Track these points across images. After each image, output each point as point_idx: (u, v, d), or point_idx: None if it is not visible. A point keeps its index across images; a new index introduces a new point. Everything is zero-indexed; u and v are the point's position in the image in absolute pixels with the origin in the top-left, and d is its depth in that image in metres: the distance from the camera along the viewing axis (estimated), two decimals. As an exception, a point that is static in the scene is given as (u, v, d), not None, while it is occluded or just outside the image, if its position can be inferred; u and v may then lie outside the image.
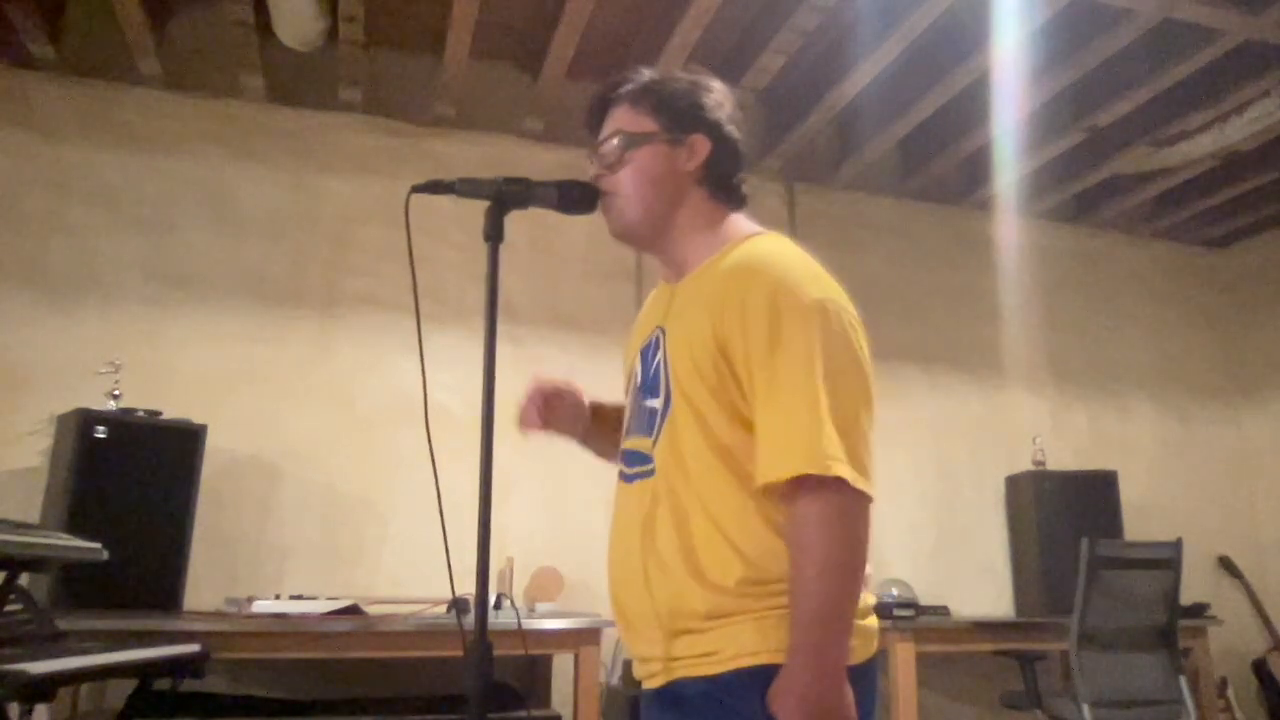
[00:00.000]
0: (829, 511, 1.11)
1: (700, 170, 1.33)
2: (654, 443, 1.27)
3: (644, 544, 1.24)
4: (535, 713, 2.99)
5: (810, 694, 1.07)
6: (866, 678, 1.19)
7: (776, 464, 1.14)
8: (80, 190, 3.48)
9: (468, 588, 1.19)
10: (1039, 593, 4.10)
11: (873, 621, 1.24)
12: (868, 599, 1.22)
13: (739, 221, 1.37)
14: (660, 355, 1.29)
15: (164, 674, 2.37)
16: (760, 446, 1.17)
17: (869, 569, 1.23)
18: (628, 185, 1.33)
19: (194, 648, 2.41)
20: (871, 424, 1.19)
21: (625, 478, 1.34)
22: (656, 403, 1.28)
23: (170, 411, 3.16)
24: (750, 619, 1.15)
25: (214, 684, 3.06)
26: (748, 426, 1.20)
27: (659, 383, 1.28)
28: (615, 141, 1.34)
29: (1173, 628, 3.33)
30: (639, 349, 1.38)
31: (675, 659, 1.20)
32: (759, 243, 1.29)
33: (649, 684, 1.25)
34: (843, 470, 1.11)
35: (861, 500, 1.13)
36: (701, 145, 1.33)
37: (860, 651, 1.17)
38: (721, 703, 1.15)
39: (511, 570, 3.35)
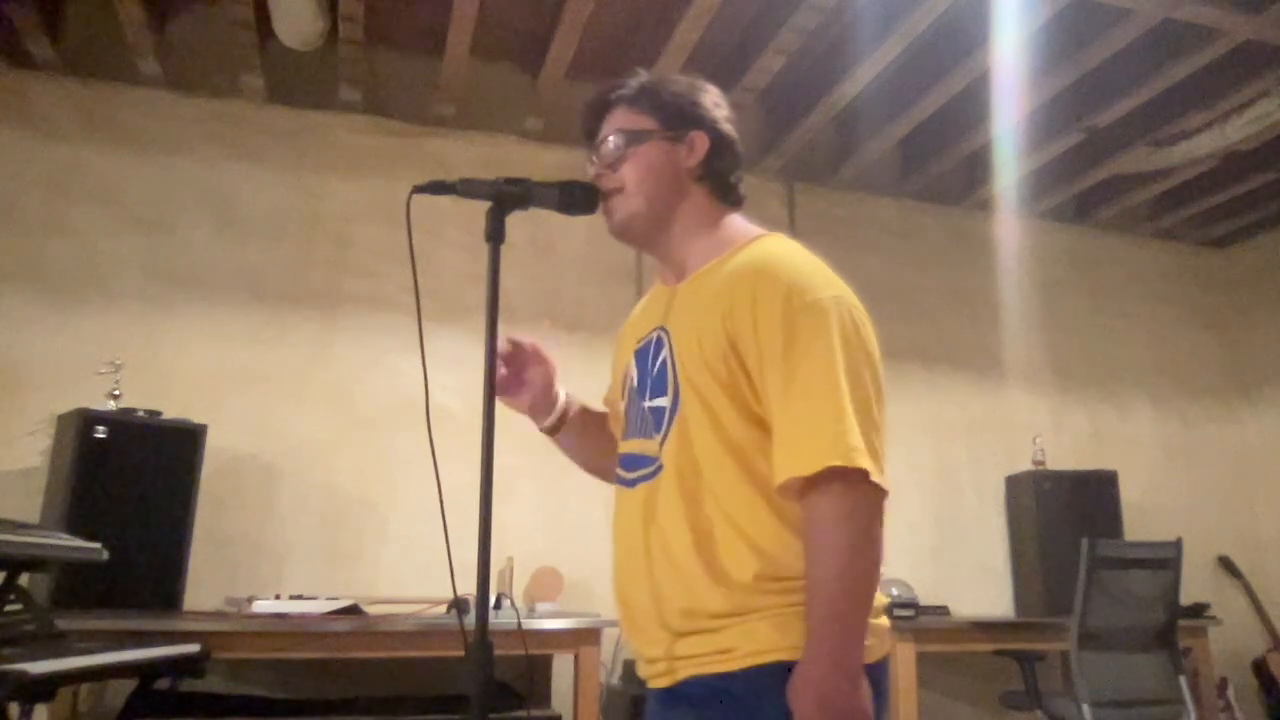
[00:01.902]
0: (847, 507, 1.11)
1: (700, 167, 1.34)
2: (660, 442, 1.26)
3: (651, 544, 1.24)
4: (535, 713, 2.99)
5: (829, 690, 1.06)
6: (880, 677, 1.18)
7: (799, 459, 1.13)
8: (80, 190, 3.48)
9: (468, 587, 1.19)
10: (1039, 593, 4.09)
11: (885, 621, 1.24)
12: (880, 598, 1.21)
13: (739, 222, 1.37)
14: (665, 354, 1.29)
15: (164, 674, 2.37)
16: (780, 443, 1.16)
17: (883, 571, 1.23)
18: (630, 181, 1.33)
19: (194, 648, 2.41)
20: (885, 420, 1.19)
21: (626, 482, 1.33)
22: (663, 401, 1.28)
23: (170, 411, 3.16)
24: (766, 616, 1.15)
25: (214, 684, 3.06)
26: (759, 424, 1.20)
27: (665, 382, 1.28)
28: (615, 140, 1.34)
29: (1173, 628, 3.32)
30: (634, 351, 1.37)
31: (683, 658, 1.19)
32: (766, 243, 1.30)
33: (655, 683, 1.24)
34: (865, 462, 1.11)
35: (879, 495, 1.13)
36: (701, 141, 1.34)
37: (875, 650, 1.17)
38: (739, 699, 1.14)
39: (511, 570, 3.35)
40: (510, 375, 1.48)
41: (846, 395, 1.14)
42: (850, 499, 1.11)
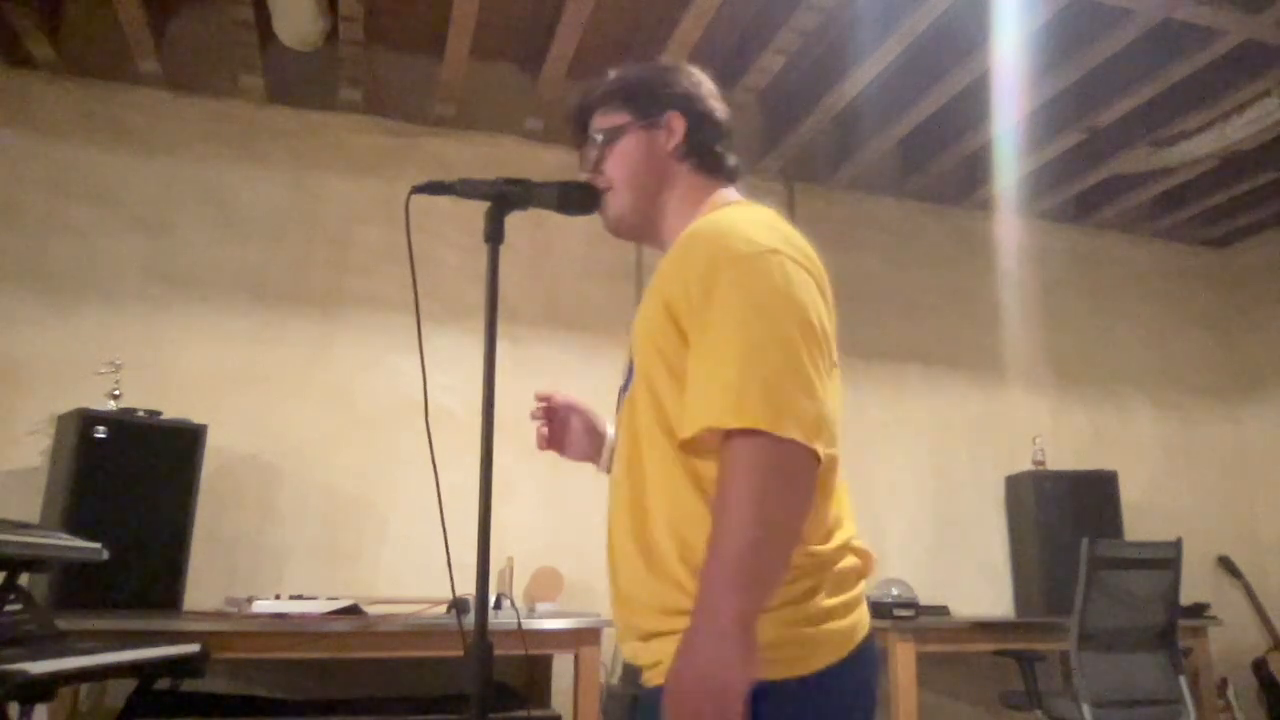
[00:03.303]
0: (743, 465, 1.02)
1: (682, 145, 1.32)
2: (617, 420, 1.27)
3: (613, 529, 1.22)
4: (535, 713, 2.99)
5: (700, 663, 0.98)
6: (828, 686, 1.08)
7: (690, 418, 1.07)
8: (80, 190, 3.48)
9: (468, 588, 1.19)
10: (1039, 593, 4.10)
11: (838, 625, 1.11)
12: (823, 601, 1.10)
13: (723, 194, 1.33)
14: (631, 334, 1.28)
15: (164, 674, 2.37)
16: (684, 404, 1.10)
17: (853, 560, 1.17)
18: (616, 177, 1.33)
19: (194, 648, 2.41)
20: (821, 375, 1.08)
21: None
22: (622, 380, 1.27)
23: (170, 411, 3.16)
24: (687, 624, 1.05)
25: (214, 684, 3.07)
26: None
27: (628, 362, 1.27)
28: (594, 141, 1.35)
29: (1173, 628, 3.33)
30: None
31: (645, 666, 1.15)
32: (722, 210, 1.25)
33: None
34: (757, 420, 1.01)
35: (788, 451, 1.02)
36: (677, 121, 1.32)
37: (809, 659, 1.07)
38: (652, 715, 1.07)
39: (511, 570, 3.35)
40: (554, 431, 1.45)
41: (749, 349, 1.05)
42: (749, 458, 1.02)
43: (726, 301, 1.09)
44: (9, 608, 2.12)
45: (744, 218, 1.19)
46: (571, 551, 3.51)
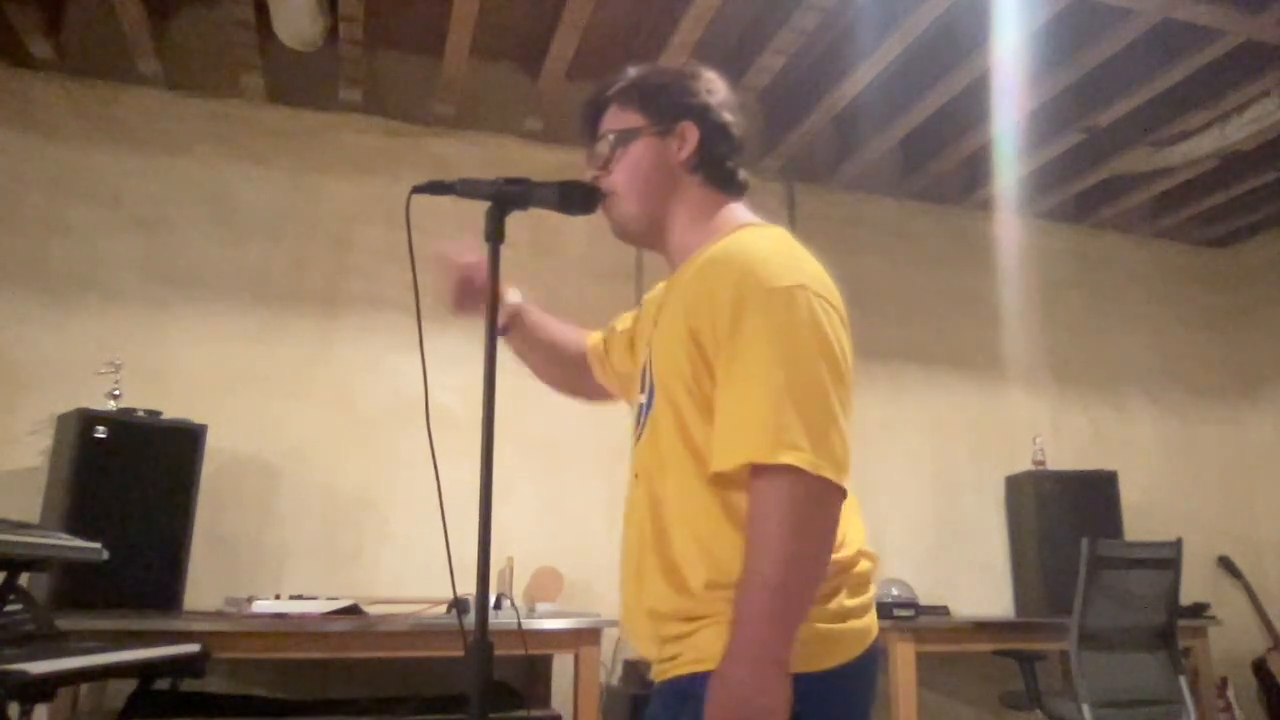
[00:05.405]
0: (781, 500, 1.06)
1: (693, 158, 1.31)
2: (637, 440, 1.28)
3: (632, 544, 1.25)
4: (535, 713, 2.99)
5: (739, 687, 1.02)
6: (840, 684, 1.13)
7: (726, 451, 1.10)
8: (80, 190, 3.48)
9: (468, 588, 1.19)
10: (1039, 593, 4.10)
11: (855, 625, 1.16)
12: (844, 601, 1.15)
13: (735, 212, 1.33)
14: (648, 352, 1.28)
15: (164, 674, 2.37)
16: (715, 435, 1.13)
17: (867, 564, 1.21)
18: (622, 182, 1.32)
19: (194, 648, 2.41)
20: (845, 411, 1.12)
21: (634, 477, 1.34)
22: (643, 398, 1.28)
23: (170, 411, 3.16)
24: (713, 623, 1.11)
25: (214, 684, 3.07)
26: None
27: (646, 380, 1.28)
28: (606, 142, 1.33)
29: (1173, 628, 3.33)
30: (647, 341, 1.36)
31: (660, 661, 1.19)
32: (742, 234, 1.25)
33: (655, 679, 1.25)
34: (793, 457, 1.05)
35: (821, 487, 1.06)
36: (691, 132, 1.31)
37: (823, 657, 1.11)
38: (668, 705, 1.14)
39: (511, 570, 3.35)
40: (466, 289, 1.52)
41: (782, 386, 1.07)
42: (782, 493, 1.06)
43: (756, 337, 1.11)
44: (9, 608, 2.12)
45: (766, 246, 1.20)
46: (571, 551, 3.50)
